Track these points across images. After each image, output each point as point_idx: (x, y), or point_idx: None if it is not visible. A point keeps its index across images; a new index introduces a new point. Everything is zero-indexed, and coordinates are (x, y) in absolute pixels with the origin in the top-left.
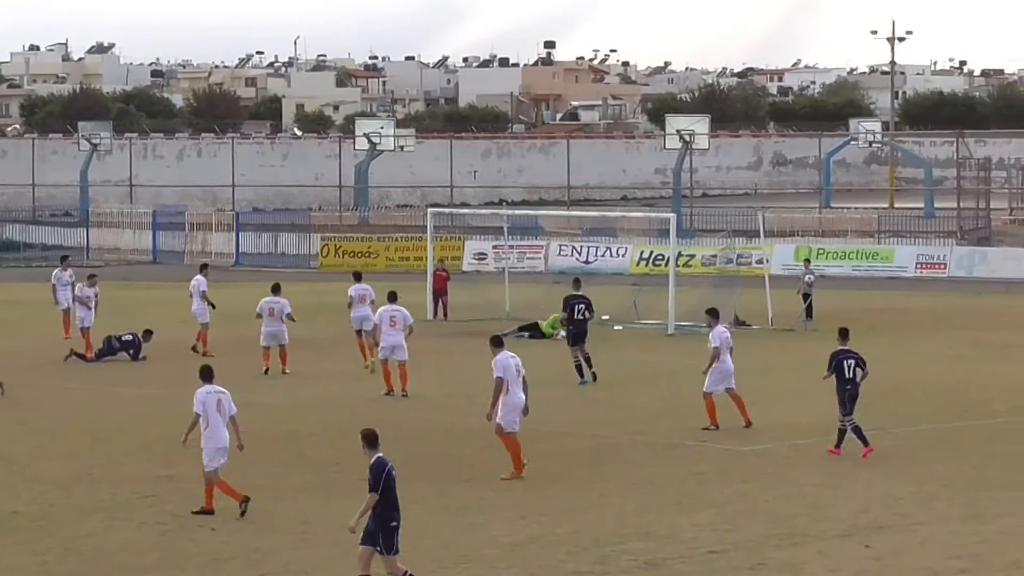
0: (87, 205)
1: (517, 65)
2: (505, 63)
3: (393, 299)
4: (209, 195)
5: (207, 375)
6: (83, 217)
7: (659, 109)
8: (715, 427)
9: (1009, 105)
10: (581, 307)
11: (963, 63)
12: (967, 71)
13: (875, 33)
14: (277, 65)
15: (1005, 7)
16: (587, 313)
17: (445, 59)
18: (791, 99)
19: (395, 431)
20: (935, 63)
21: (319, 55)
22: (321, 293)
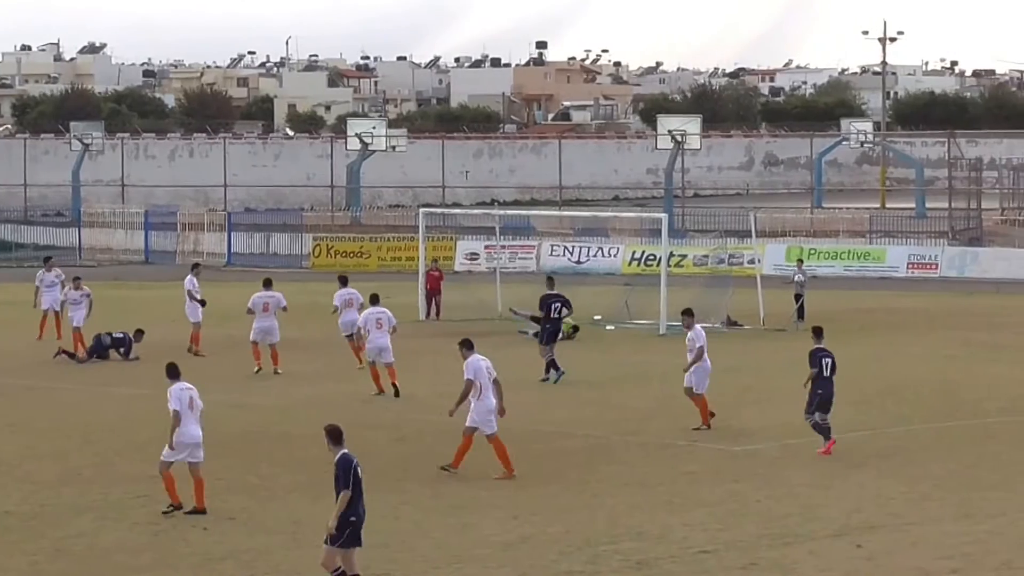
0: (79, 205)
1: (509, 65)
2: (497, 63)
3: (376, 301)
4: (201, 195)
5: (174, 373)
6: (75, 217)
7: (651, 109)
8: (707, 427)
9: (1000, 105)
10: (557, 305)
11: (954, 63)
12: (958, 71)
13: (866, 33)
14: (269, 65)
15: (996, 8)
16: (564, 311)
17: (437, 59)
18: (783, 99)
19: (388, 432)
20: (926, 63)
21: (311, 55)
22: (313, 293)
